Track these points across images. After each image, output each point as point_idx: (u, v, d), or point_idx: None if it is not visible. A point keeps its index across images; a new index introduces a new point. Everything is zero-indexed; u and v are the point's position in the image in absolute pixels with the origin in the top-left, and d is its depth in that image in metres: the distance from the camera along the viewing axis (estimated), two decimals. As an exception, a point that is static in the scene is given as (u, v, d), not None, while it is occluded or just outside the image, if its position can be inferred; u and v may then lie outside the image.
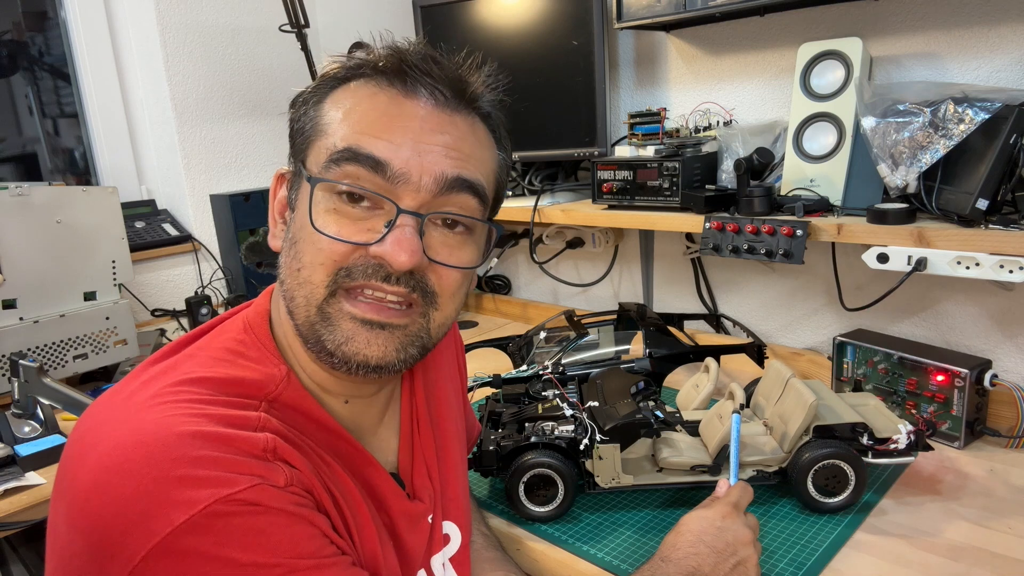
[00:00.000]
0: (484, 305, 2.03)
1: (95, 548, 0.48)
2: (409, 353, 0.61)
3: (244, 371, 0.60)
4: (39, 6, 1.86)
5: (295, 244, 0.60)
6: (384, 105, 0.59)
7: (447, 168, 0.59)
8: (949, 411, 1.10)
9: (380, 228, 0.58)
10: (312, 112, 0.62)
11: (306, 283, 0.59)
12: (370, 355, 0.59)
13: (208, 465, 0.49)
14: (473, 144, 0.63)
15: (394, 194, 0.58)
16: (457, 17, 1.65)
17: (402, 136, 0.58)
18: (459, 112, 0.62)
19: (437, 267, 0.61)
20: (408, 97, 0.60)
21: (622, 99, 1.66)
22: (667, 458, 0.97)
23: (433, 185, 0.58)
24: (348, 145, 0.58)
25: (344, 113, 0.60)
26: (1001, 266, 0.97)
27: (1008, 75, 1.15)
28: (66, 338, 1.40)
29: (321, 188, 0.59)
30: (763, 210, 1.21)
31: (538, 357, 1.30)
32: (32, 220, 1.35)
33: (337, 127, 0.59)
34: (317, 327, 0.59)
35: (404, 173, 0.57)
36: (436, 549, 0.73)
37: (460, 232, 0.62)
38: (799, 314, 1.49)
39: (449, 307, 0.63)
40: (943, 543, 0.87)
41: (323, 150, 0.59)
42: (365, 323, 0.58)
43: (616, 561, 0.88)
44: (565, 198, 1.62)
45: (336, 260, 0.58)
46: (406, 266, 0.57)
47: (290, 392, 0.61)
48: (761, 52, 1.42)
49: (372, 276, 0.58)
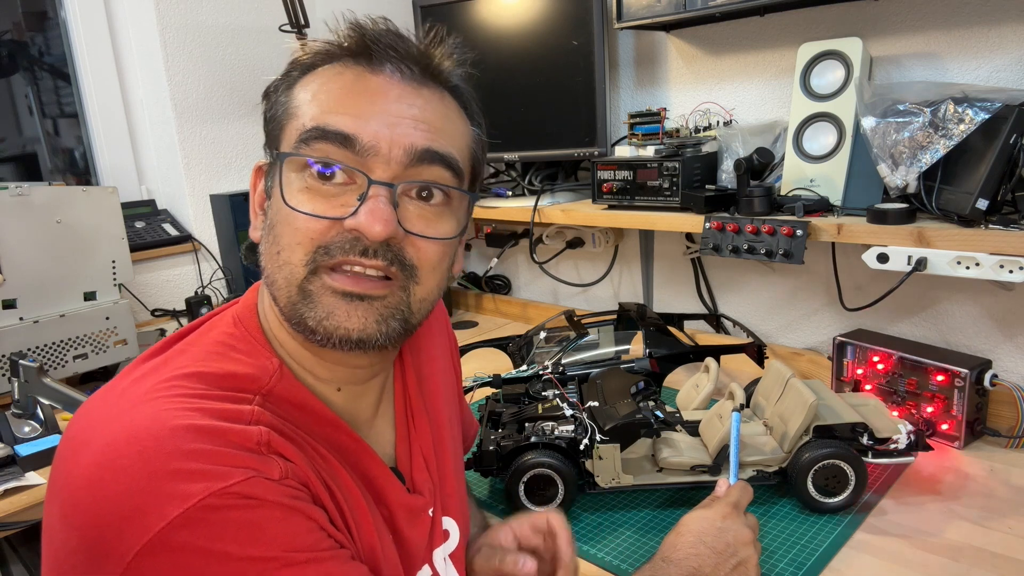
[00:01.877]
0: (484, 305, 2.03)
1: (90, 545, 0.48)
2: (391, 327, 0.60)
3: (236, 365, 0.60)
4: (39, 6, 1.86)
5: (273, 228, 0.61)
6: (350, 82, 0.60)
7: (417, 140, 0.59)
8: (949, 411, 1.09)
9: (353, 202, 0.58)
10: (283, 99, 0.62)
11: (286, 264, 0.59)
12: (351, 327, 0.58)
13: (201, 459, 0.49)
14: (443, 117, 0.62)
15: (365, 167, 0.58)
16: (457, 17, 1.65)
17: (370, 110, 0.58)
18: (426, 86, 0.62)
19: (414, 239, 0.60)
20: (374, 73, 0.60)
21: (622, 99, 1.66)
22: (667, 458, 0.97)
23: (403, 157, 0.59)
24: (316, 124, 0.58)
25: (312, 95, 0.60)
26: (1001, 266, 0.97)
27: (1008, 75, 1.15)
28: (66, 338, 1.40)
29: (292, 167, 0.59)
30: (763, 210, 1.21)
31: (538, 357, 1.30)
32: (32, 220, 1.35)
33: (306, 109, 0.60)
34: (299, 306, 0.59)
35: (373, 146, 0.58)
36: (437, 543, 0.73)
37: (436, 204, 0.62)
38: (799, 314, 1.49)
39: (430, 281, 0.63)
40: (943, 543, 0.87)
41: (294, 132, 0.60)
42: (345, 296, 0.58)
43: (616, 561, 0.88)
44: (565, 198, 1.62)
45: (313, 238, 0.58)
46: (380, 236, 0.57)
47: (284, 384, 0.61)
48: (761, 52, 1.42)
49: (350, 251, 0.58)
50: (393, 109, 0.59)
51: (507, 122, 1.64)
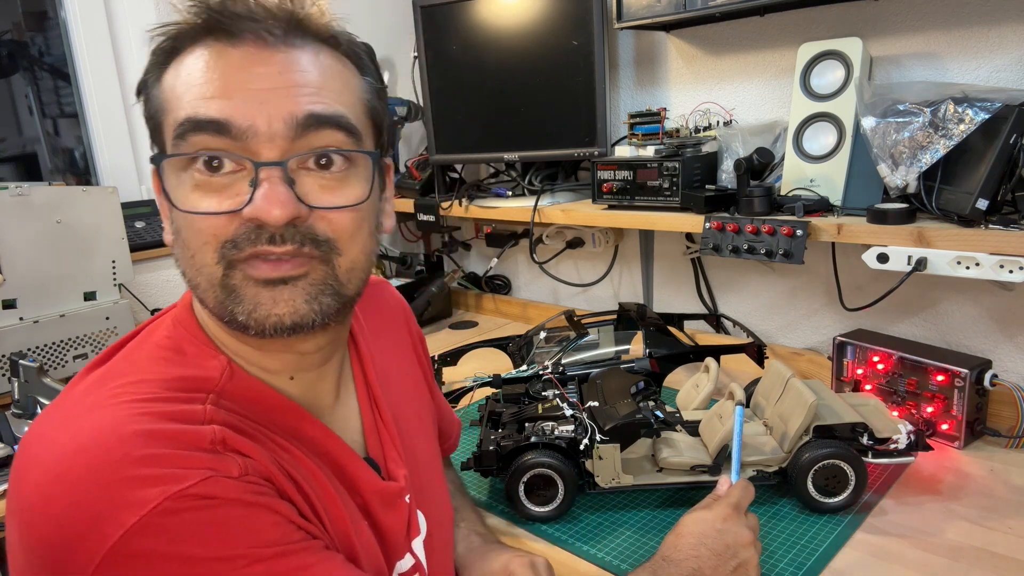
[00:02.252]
0: (484, 305, 2.03)
1: (51, 565, 0.47)
2: (323, 303, 0.57)
3: (184, 368, 0.58)
4: (39, 6, 1.86)
5: (180, 233, 0.57)
6: (212, 62, 0.55)
7: (295, 108, 0.55)
8: (949, 411, 1.09)
9: (247, 190, 0.54)
10: (155, 93, 0.58)
11: (202, 267, 0.56)
12: (281, 313, 0.56)
13: (155, 463, 0.48)
14: (322, 75, 0.57)
15: (247, 150, 0.54)
16: (457, 17, 1.65)
17: (238, 88, 0.54)
18: (296, 46, 0.57)
19: (323, 213, 0.57)
20: (235, 46, 0.55)
21: (622, 99, 1.66)
22: (667, 458, 0.97)
23: (286, 130, 0.54)
24: (187, 115, 0.54)
25: (180, 83, 0.56)
26: (1001, 266, 0.97)
27: (1008, 75, 1.15)
28: (66, 338, 1.40)
29: (176, 167, 0.55)
30: (763, 210, 1.21)
31: (538, 357, 1.30)
32: (32, 220, 1.35)
33: (176, 100, 0.55)
34: (226, 303, 0.56)
35: (251, 126, 0.54)
36: (416, 533, 0.71)
37: (337, 170, 0.58)
38: (799, 314, 1.49)
39: (353, 249, 0.59)
40: (943, 543, 0.87)
41: (169, 128, 0.56)
42: (266, 283, 0.56)
43: (616, 561, 0.88)
44: (565, 198, 1.62)
45: (217, 235, 0.55)
46: (281, 220, 0.54)
47: (235, 381, 0.59)
48: (761, 52, 1.42)
49: (256, 241, 0.55)
50: (263, 81, 0.54)
51: (507, 122, 1.64)
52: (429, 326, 1.91)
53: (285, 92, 0.55)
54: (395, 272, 2.04)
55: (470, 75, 1.67)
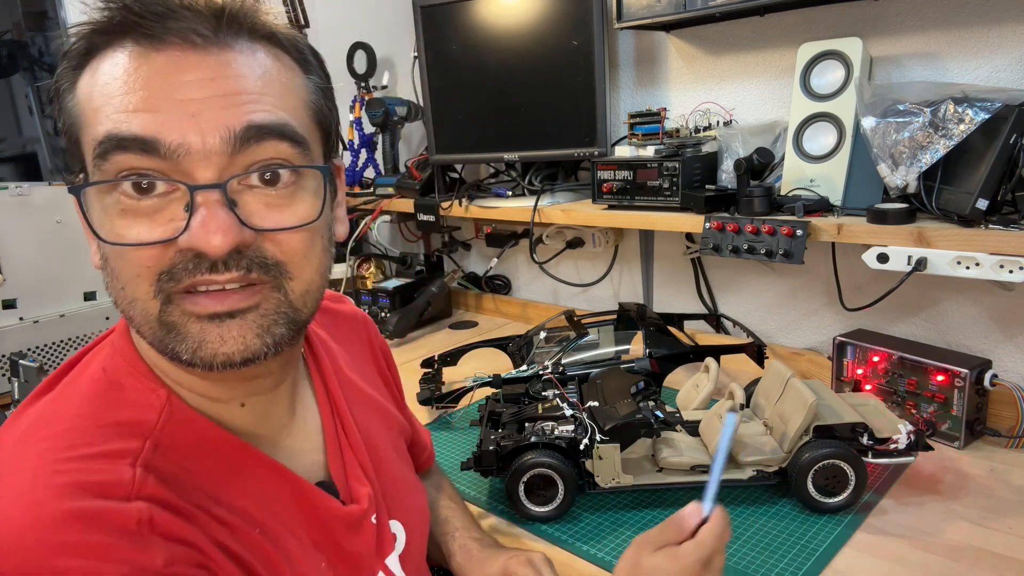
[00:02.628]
0: (484, 305, 2.03)
1: None
2: (276, 333, 0.52)
3: (119, 410, 0.53)
4: (39, 6, 1.86)
5: (107, 261, 0.51)
6: (133, 69, 0.48)
7: (232, 119, 0.48)
8: (949, 411, 1.09)
9: (181, 215, 0.48)
10: (69, 104, 0.51)
11: (135, 300, 0.50)
12: (231, 352, 0.50)
13: (71, 554, 0.44)
14: (261, 79, 0.50)
15: (180, 172, 0.48)
16: (457, 17, 1.65)
17: (164, 99, 0.47)
18: (229, 47, 0.50)
19: (271, 235, 0.51)
20: (158, 50, 0.48)
21: (622, 99, 1.66)
22: (667, 458, 0.97)
23: (222, 145, 0.48)
24: (107, 131, 0.47)
25: (97, 92, 0.49)
26: (1001, 266, 0.97)
27: (1008, 75, 1.15)
28: (66, 338, 1.41)
29: (99, 193, 0.49)
30: (763, 210, 1.21)
31: (538, 357, 1.30)
32: (32, 220, 1.35)
33: (93, 114, 0.48)
34: (166, 341, 0.50)
35: (181, 144, 0.47)
36: (389, 550, 0.68)
37: (284, 185, 0.51)
38: (799, 314, 1.49)
39: (306, 271, 0.53)
40: (943, 543, 0.87)
41: (87, 146, 0.49)
42: (212, 318, 0.50)
43: (616, 561, 0.88)
44: (565, 198, 1.62)
45: (150, 266, 0.49)
46: (222, 249, 0.47)
47: (175, 421, 0.54)
48: (761, 52, 1.42)
49: (195, 271, 0.49)
50: (192, 90, 0.47)
51: (507, 122, 1.64)
52: (429, 326, 1.91)
53: (220, 101, 0.48)
54: (395, 272, 2.04)
55: (470, 75, 1.67)
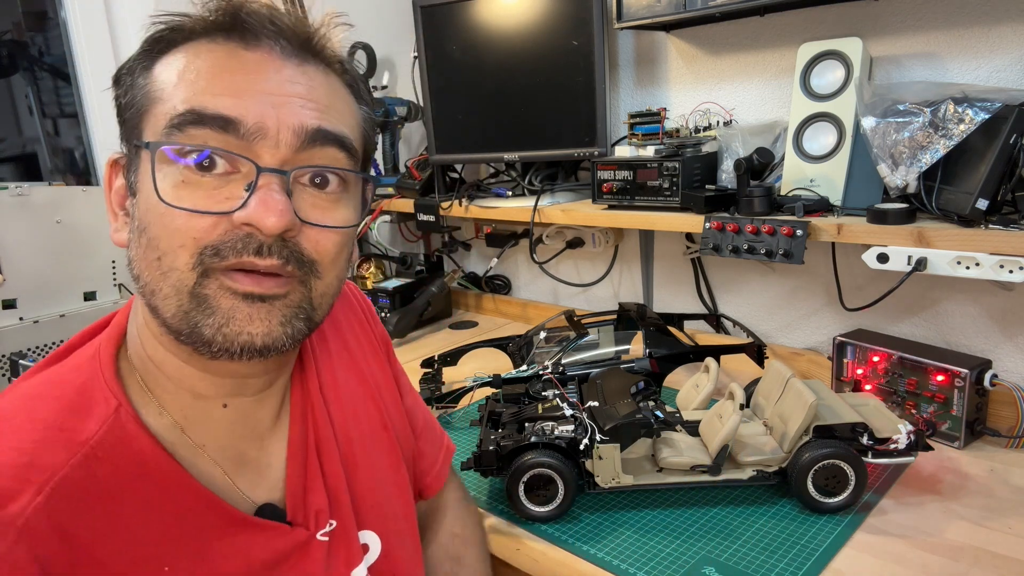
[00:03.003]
0: (484, 305, 2.03)
1: None
2: (295, 327, 0.55)
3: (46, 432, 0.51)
4: (39, 6, 1.86)
5: (145, 231, 0.53)
6: (224, 60, 0.53)
7: (306, 120, 0.53)
8: (949, 411, 1.10)
9: (240, 193, 0.51)
10: (141, 81, 0.55)
11: (170, 271, 0.51)
12: (254, 333, 0.53)
13: None
14: (330, 95, 0.57)
15: (251, 153, 0.52)
16: (457, 17, 1.65)
17: (250, 89, 0.52)
18: (308, 62, 0.56)
19: (311, 231, 0.55)
20: (249, 49, 0.54)
21: (622, 99, 1.66)
22: (667, 458, 0.97)
23: (293, 139, 0.53)
24: (190, 107, 0.51)
25: (179, 74, 0.53)
26: (1001, 266, 0.97)
27: (1008, 75, 1.15)
28: (66, 338, 1.40)
29: (163, 159, 0.52)
30: (763, 210, 1.21)
31: (538, 357, 1.30)
32: (32, 220, 1.35)
33: (173, 91, 0.52)
34: (193, 314, 0.52)
35: (259, 129, 0.52)
36: (355, 562, 0.66)
37: (332, 191, 0.57)
38: (799, 314, 1.49)
39: (330, 274, 0.57)
40: (943, 543, 0.87)
41: (161, 117, 0.52)
42: (246, 297, 0.52)
43: (616, 561, 0.88)
44: (565, 198, 1.62)
45: (197, 238, 0.51)
46: (276, 228, 0.51)
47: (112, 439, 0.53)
48: (761, 52, 1.42)
49: (243, 251, 0.51)
50: (276, 87, 0.53)
51: (507, 122, 1.64)
52: (429, 326, 1.91)
53: (299, 103, 0.54)
54: (395, 272, 2.04)
55: (470, 75, 1.67)
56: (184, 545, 0.55)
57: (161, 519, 0.54)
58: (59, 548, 0.48)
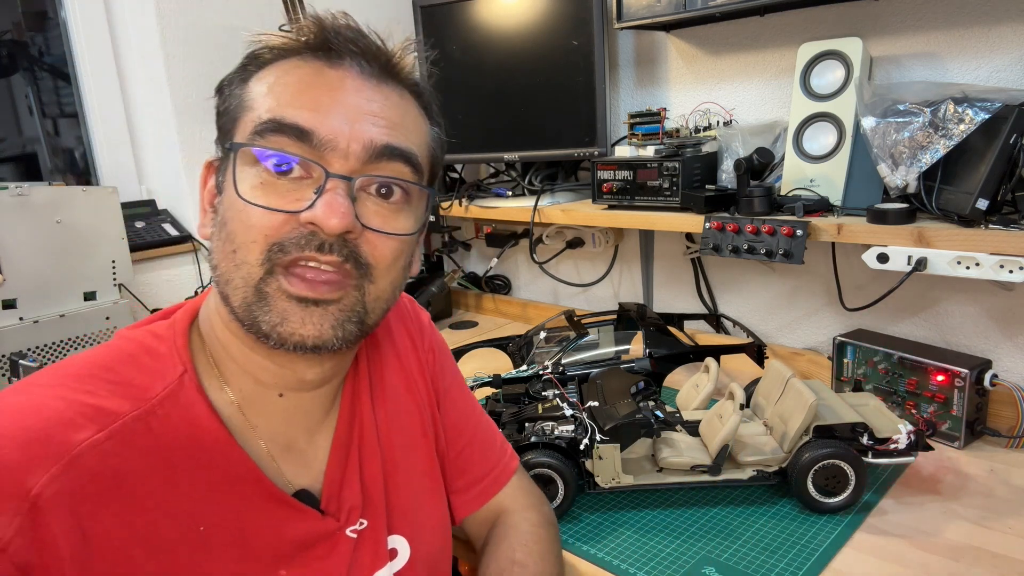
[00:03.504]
0: (484, 305, 2.03)
1: None
2: (347, 330, 0.59)
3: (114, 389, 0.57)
4: (39, 6, 1.86)
5: (225, 226, 0.59)
6: (309, 76, 0.59)
7: (376, 136, 0.59)
8: (949, 411, 1.10)
9: (309, 196, 0.57)
10: (237, 91, 0.61)
11: (242, 264, 0.57)
12: (306, 334, 0.57)
13: None
14: (403, 114, 0.62)
15: (323, 160, 0.57)
16: (457, 17, 1.65)
17: (328, 104, 0.58)
18: (386, 82, 0.62)
19: (371, 237, 0.59)
20: (333, 67, 0.59)
21: (622, 99, 1.66)
22: (667, 458, 0.97)
23: (362, 152, 0.58)
24: (272, 116, 0.57)
25: (268, 87, 0.59)
26: (1001, 266, 0.97)
27: (1008, 75, 1.15)
28: (66, 338, 1.40)
29: (246, 161, 0.58)
30: (763, 210, 1.21)
31: (538, 357, 1.30)
32: (32, 220, 1.35)
33: (262, 101, 0.59)
34: (254, 308, 0.57)
35: (331, 140, 0.57)
36: (380, 564, 0.68)
37: (395, 201, 0.61)
38: (799, 314, 1.49)
39: (384, 280, 0.61)
40: (943, 543, 0.87)
41: (248, 124, 0.59)
42: (300, 301, 0.57)
43: (616, 561, 0.88)
44: (565, 198, 1.62)
45: (268, 234, 0.56)
46: (337, 228, 0.56)
47: (172, 401, 0.58)
48: (761, 52, 1.42)
49: (305, 247, 0.56)
50: (352, 104, 0.58)
51: (507, 122, 1.64)
52: (429, 326, 1.91)
53: (371, 119, 0.58)
54: (395, 272, 2.03)
55: (470, 75, 1.67)
56: (222, 510, 0.58)
57: (206, 481, 0.58)
58: (110, 482, 0.53)
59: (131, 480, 0.54)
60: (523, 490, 0.87)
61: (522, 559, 0.77)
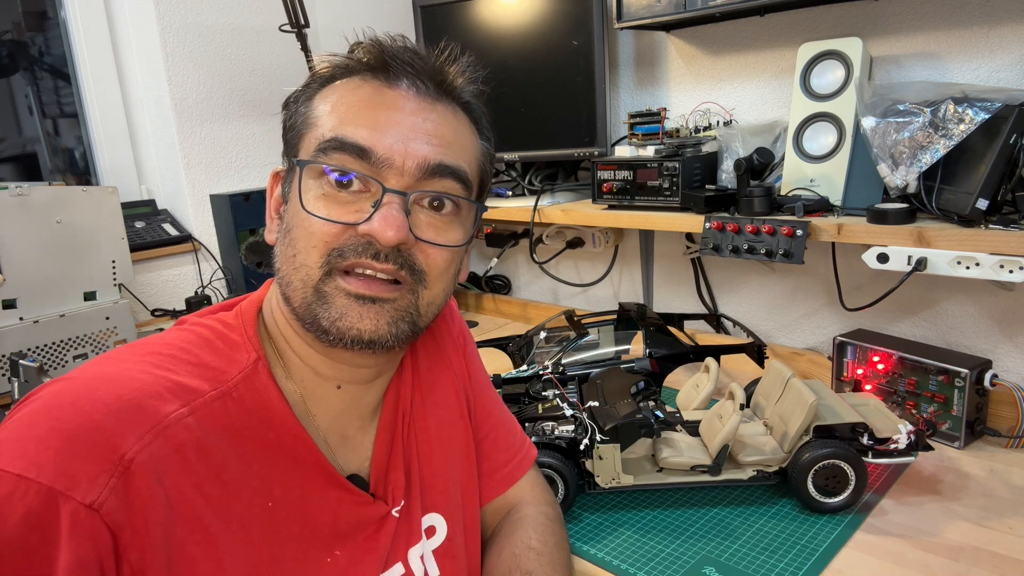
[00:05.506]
0: (484, 305, 2.03)
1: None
2: (400, 328, 0.63)
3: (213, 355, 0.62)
4: (39, 6, 1.86)
5: (289, 232, 0.63)
6: (368, 96, 0.63)
7: (430, 154, 0.62)
8: (949, 411, 1.10)
9: (368, 209, 0.61)
10: (303, 109, 0.66)
11: (302, 266, 0.61)
12: (363, 329, 0.61)
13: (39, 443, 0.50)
14: (455, 132, 0.66)
15: (380, 176, 0.61)
16: (457, 17, 1.65)
17: (386, 124, 0.62)
18: (440, 101, 0.65)
19: (424, 246, 0.64)
20: (391, 87, 0.64)
21: (622, 99, 1.66)
22: (667, 458, 0.97)
23: (416, 170, 0.62)
24: (335, 135, 0.61)
25: (331, 106, 0.63)
26: (1001, 266, 0.97)
27: (1008, 75, 1.15)
28: (66, 338, 1.40)
29: (310, 174, 0.62)
30: (763, 210, 1.21)
31: (538, 357, 1.30)
32: (32, 220, 1.35)
33: (325, 120, 0.63)
34: (313, 307, 0.61)
35: (388, 158, 0.61)
36: (414, 541, 0.73)
37: (446, 214, 0.65)
38: (799, 314, 1.49)
39: (437, 286, 0.66)
40: (943, 543, 0.87)
41: (312, 141, 0.63)
42: (358, 298, 0.61)
43: (616, 561, 0.88)
44: (565, 198, 1.62)
45: (327, 241, 0.61)
46: (392, 241, 0.60)
47: (247, 384, 0.62)
48: (761, 52, 1.42)
49: (362, 254, 0.60)
50: (408, 123, 0.62)
51: (507, 122, 1.64)
52: (429, 326, 1.91)
53: (424, 138, 0.62)
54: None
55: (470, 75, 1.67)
56: (289, 488, 0.62)
57: (275, 461, 0.62)
58: (192, 454, 0.56)
59: (210, 454, 0.57)
60: (539, 485, 0.90)
61: (538, 546, 0.80)
